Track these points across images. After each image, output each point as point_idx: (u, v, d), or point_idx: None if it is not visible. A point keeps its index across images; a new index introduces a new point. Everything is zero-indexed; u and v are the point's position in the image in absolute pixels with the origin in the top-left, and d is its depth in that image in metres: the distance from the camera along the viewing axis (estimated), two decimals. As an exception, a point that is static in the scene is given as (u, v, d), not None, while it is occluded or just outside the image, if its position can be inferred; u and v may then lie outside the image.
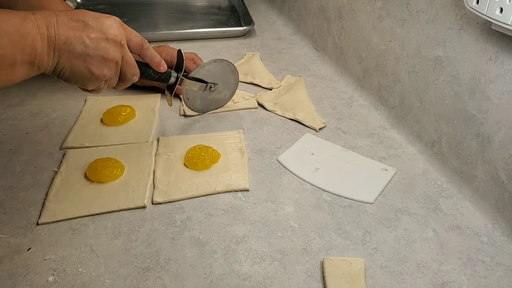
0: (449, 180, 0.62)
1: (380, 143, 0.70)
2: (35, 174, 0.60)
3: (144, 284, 0.46)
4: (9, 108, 0.75)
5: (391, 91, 0.74)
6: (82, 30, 0.48)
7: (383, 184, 0.61)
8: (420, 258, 0.50)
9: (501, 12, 0.47)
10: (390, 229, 0.54)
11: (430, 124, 0.66)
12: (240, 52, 1.00)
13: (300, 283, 0.47)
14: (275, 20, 1.21)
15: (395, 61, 0.72)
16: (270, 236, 0.52)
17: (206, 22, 1.21)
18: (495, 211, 0.55)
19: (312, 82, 0.87)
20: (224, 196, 0.58)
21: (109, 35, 0.50)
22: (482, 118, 0.56)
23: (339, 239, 0.52)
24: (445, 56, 0.61)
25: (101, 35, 0.49)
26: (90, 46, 0.48)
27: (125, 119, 0.71)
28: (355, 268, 0.48)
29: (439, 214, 0.57)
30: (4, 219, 0.53)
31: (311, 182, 0.61)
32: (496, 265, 0.50)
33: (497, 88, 0.53)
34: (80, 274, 0.47)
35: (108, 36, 0.49)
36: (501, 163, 0.54)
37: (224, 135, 0.69)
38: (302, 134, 0.71)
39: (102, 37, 0.49)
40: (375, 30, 0.77)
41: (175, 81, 0.63)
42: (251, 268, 0.48)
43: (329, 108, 0.79)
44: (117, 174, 0.59)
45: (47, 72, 0.48)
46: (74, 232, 0.52)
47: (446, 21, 0.60)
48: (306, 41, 1.05)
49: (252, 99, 0.80)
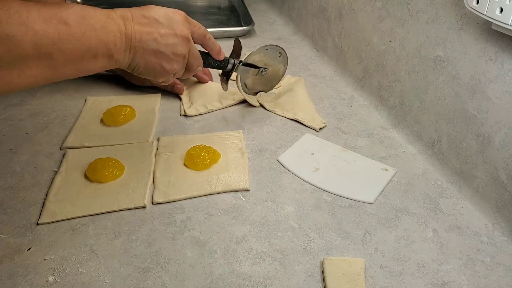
0: (449, 180, 0.62)
1: (380, 143, 0.70)
2: (35, 174, 0.60)
3: (144, 284, 0.46)
4: (9, 108, 0.75)
5: (391, 91, 0.74)
6: (154, 27, 0.52)
7: (383, 184, 0.61)
8: (420, 258, 0.50)
9: (501, 12, 0.47)
10: (390, 229, 0.54)
11: (430, 124, 0.66)
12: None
13: (300, 283, 0.47)
14: (275, 20, 1.21)
15: (395, 61, 0.72)
16: (270, 236, 0.52)
17: (206, 22, 1.20)
18: (495, 211, 0.55)
19: (312, 82, 0.87)
20: (224, 196, 0.58)
21: (177, 30, 0.53)
22: (482, 118, 0.56)
23: (339, 239, 0.52)
24: (445, 56, 0.61)
25: (170, 30, 0.53)
26: (162, 42, 0.52)
27: (125, 119, 0.71)
28: (355, 268, 0.47)
29: (439, 214, 0.57)
30: (4, 219, 0.53)
31: (311, 182, 0.61)
32: (496, 265, 0.50)
33: (497, 88, 0.53)
34: (80, 274, 0.47)
35: (176, 31, 0.53)
36: (501, 163, 0.54)
37: (224, 135, 0.69)
38: (302, 134, 0.71)
39: (171, 33, 0.53)
40: (375, 30, 0.77)
41: (231, 68, 0.69)
42: (251, 268, 0.48)
43: (329, 108, 0.79)
44: (117, 174, 0.59)
45: (123, 67, 0.52)
46: (74, 232, 0.52)
47: (446, 21, 0.60)
48: (306, 41, 1.05)
49: (253, 97, 0.80)
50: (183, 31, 0.54)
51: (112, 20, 0.48)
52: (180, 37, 0.54)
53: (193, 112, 0.75)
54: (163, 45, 0.52)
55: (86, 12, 0.46)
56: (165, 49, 0.53)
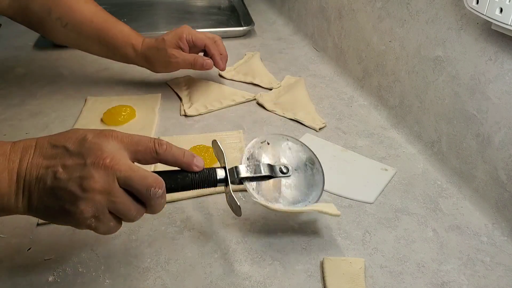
0: (449, 180, 0.62)
1: (380, 143, 0.70)
2: (35, 174, 0.60)
3: (144, 284, 0.46)
4: (9, 108, 0.75)
5: (391, 91, 0.74)
6: (58, 158, 0.38)
7: (383, 184, 0.61)
8: (420, 258, 0.50)
9: (501, 12, 0.47)
10: (390, 229, 0.54)
11: (430, 124, 0.66)
12: (240, 52, 1.00)
13: (300, 283, 0.47)
14: (275, 20, 1.21)
15: (395, 61, 0.72)
16: (270, 236, 0.52)
17: (206, 22, 1.21)
18: (495, 211, 0.55)
19: (312, 82, 0.87)
20: (224, 196, 0.58)
21: (90, 157, 0.38)
22: (482, 118, 0.56)
23: (339, 239, 0.52)
24: (445, 56, 0.61)
25: (79, 160, 0.38)
26: (62, 177, 0.37)
27: (125, 119, 0.71)
28: (355, 268, 0.48)
29: (439, 214, 0.57)
30: (4, 219, 0.53)
31: (311, 182, 0.61)
32: (496, 265, 0.50)
33: (497, 88, 0.53)
34: (80, 274, 0.47)
35: (88, 159, 0.38)
36: (501, 163, 0.54)
37: (224, 135, 0.69)
38: (302, 134, 0.71)
39: (80, 163, 0.38)
40: (375, 30, 0.77)
41: (225, 175, 0.47)
42: (251, 268, 0.48)
43: (329, 108, 0.79)
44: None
45: (20, 213, 0.40)
46: (74, 232, 0.52)
47: (446, 21, 0.60)
48: (306, 41, 1.05)
49: (252, 97, 0.80)
50: (99, 157, 0.38)
51: (1, 157, 0.38)
52: (94, 166, 0.37)
53: (193, 112, 0.75)
54: (63, 181, 0.37)
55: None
56: (67, 185, 0.37)
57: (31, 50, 0.97)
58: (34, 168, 0.38)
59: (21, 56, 0.94)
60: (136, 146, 0.42)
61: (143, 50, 0.75)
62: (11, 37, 1.02)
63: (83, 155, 0.38)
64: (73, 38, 0.74)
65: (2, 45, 0.99)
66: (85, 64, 0.91)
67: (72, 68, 0.89)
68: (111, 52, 0.76)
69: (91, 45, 0.75)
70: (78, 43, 0.76)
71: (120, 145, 0.40)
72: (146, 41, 0.75)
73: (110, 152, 0.39)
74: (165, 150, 0.43)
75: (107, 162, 0.38)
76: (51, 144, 0.39)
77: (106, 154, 0.38)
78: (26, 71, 0.88)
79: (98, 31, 0.73)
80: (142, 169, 0.40)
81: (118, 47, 0.74)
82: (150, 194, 0.40)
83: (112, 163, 0.38)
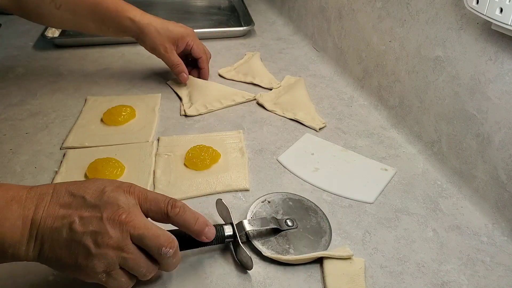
0: (449, 180, 0.62)
1: (380, 143, 0.70)
2: (35, 174, 0.60)
3: (144, 284, 0.46)
4: (9, 108, 0.75)
5: (391, 91, 0.74)
6: (74, 208, 0.38)
7: (383, 184, 0.61)
8: (420, 258, 0.50)
9: (501, 12, 0.47)
10: (390, 229, 0.54)
11: (430, 124, 0.66)
12: (240, 52, 1.00)
13: (300, 283, 0.47)
14: (275, 20, 1.21)
15: (395, 61, 0.72)
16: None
17: (206, 22, 1.21)
18: (495, 211, 0.55)
19: (312, 82, 0.87)
20: (224, 196, 0.58)
21: (107, 211, 0.38)
22: (482, 118, 0.56)
23: (339, 239, 0.52)
24: (445, 56, 0.61)
25: (96, 212, 0.38)
26: (78, 230, 0.37)
27: (125, 119, 0.71)
28: (355, 268, 0.48)
29: (439, 214, 0.57)
30: (4, 219, 0.53)
31: (311, 182, 0.61)
32: (496, 265, 0.50)
33: (497, 88, 0.53)
34: (80, 274, 0.47)
35: (104, 213, 0.38)
36: (501, 163, 0.54)
37: (224, 135, 0.69)
38: (302, 134, 0.71)
39: (96, 216, 0.38)
40: (375, 30, 0.77)
41: (232, 231, 0.48)
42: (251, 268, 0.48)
43: (329, 108, 0.79)
44: (117, 174, 0.59)
45: (29, 260, 0.38)
46: (74, 232, 0.52)
47: (446, 21, 0.60)
48: (306, 41, 1.05)
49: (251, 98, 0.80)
50: (116, 212, 0.38)
51: (16, 203, 0.37)
52: (109, 220, 0.38)
53: (193, 112, 0.75)
54: (79, 234, 0.37)
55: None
56: (82, 238, 0.37)
57: (31, 50, 0.97)
58: (49, 217, 0.37)
59: (21, 56, 0.94)
60: (149, 205, 0.41)
61: (142, 23, 0.76)
62: (11, 37, 1.02)
63: (100, 208, 0.38)
64: (68, 18, 0.75)
65: (2, 45, 0.99)
66: (85, 64, 0.91)
67: (72, 68, 0.89)
68: (106, 26, 0.76)
69: (86, 22, 0.75)
70: (74, 23, 0.76)
71: (136, 200, 0.41)
72: (145, 16, 0.76)
73: (126, 207, 0.39)
74: (176, 214, 0.42)
75: (123, 218, 0.38)
76: (69, 193, 0.39)
77: (122, 210, 0.38)
78: (26, 71, 0.88)
79: (91, 5, 0.74)
80: (156, 226, 0.40)
81: (113, 18, 0.75)
82: (161, 253, 0.40)
83: (127, 219, 0.38)
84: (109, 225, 0.37)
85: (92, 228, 0.37)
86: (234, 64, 0.93)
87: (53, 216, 0.37)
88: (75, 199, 0.38)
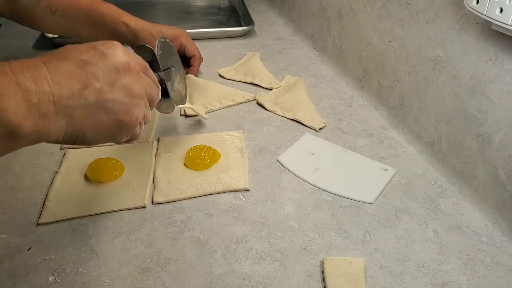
0: (449, 180, 0.62)
1: (380, 143, 0.70)
2: (35, 174, 0.60)
3: (144, 284, 0.46)
4: (9, 108, 0.75)
5: (391, 91, 0.74)
6: (87, 71, 0.36)
7: (383, 184, 0.61)
8: (420, 258, 0.50)
9: (501, 12, 0.47)
10: (390, 229, 0.54)
11: (430, 124, 0.66)
12: (240, 52, 1.00)
13: (300, 283, 0.47)
14: (275, 20, 1.21)
15: (395, 61, 0.72)
16: (270, 236, 0.52)
17: (206, 22, 1.21)
18: (495, 211, 0.55)
19: (312, 82, 0.87)
20: (224, 196, 0.58)
21: (118, 60, 0.38)
22: (482, 118, 0.56)
23: (339, 239, 0.52)
24: (445, 56, 0.61)
25: (110, 66, 0.38)
26: (104, 88, 0.37)
27: (125, 119, 0.71)
28: (355, 268, 0.48)
29: (439, 214, 0.57)
30: (4, 219, 0.53)
31: (311, 182, 0.61)
32: (496, 265, 0.50)
33: (497, 88, 0.53)
34: (80, 274, 0.47)
35: (119, 63, 0.38)
36: (501, 163, 0.54)
37: (224, 135, 0.69)
38: (302, 134, 0.71)
39: (112, 71, 0.38)
40: (375, 30, 0.77)
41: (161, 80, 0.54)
42: (251, 268, 0.48)
43: (329, 108, 0.79)
44: (117, 174, 0.59)
45: (51, 141, 0.37)
46: (74, 232, 0.52)
47: (446, 21, 0.60)
48: (306, 41, 1.05)
49: (251, 98, 0.80)
50: (124, 59, 0.39)
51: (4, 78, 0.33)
52: (126, 68, 0.38)
53: (193, 112, 0.75)
54: (109, 92, 0.37)
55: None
56: (115, 95, 0.37)
57: (31, 50, 0.97)
58: (65, 87, 0.35)
59: (21, 56, 0.94)
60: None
61: (137, 28, 0.76)
62: (11, 37, 1.02)
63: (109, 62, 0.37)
64: (63, 24, 0.75)
65: (2, 45, 0.99)
66: (85, 64, 0.91)
67: (72, 68, 0.89)
68: (101, 31, 0.76)
69: (81, 28, 0.76)
70: (68, 29, 0.77)
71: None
72: (139, 21, 0.77)
73: (124, 51, 0.40)
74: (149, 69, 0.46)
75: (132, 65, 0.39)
76: (61, 59, 0.36)
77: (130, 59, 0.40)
78: (26, 71, 0.88)
79: (86, 11, 0.74)
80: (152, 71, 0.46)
81: (108, 24, 0.75)
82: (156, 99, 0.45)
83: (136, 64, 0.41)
84: (128, 75, 0.38)
85: (117, 84, 0.37)
86: (234, 64, 0.93)
87: (68, 86, 0.35)
88: (73, 62, 0.36)
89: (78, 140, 0.38)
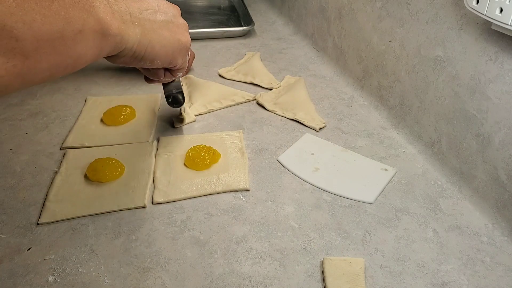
0: (449, 180, 0.62)
1: (380, 143, 0.70)
2: (35, 174, 0.60)
3: (144, 284, 0.46)
4: (8, 108, 0.75)
5: (391, 91, 0.74)
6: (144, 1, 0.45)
7: (383, 184, 0.61)
8: (420, 258, 0.50)
9: (501, 12, 0.47)
10: (390, 229, 0.54)
11: (430, 124, 0.66)
12: (240, 52, 1.00)
13: (300, 283, 0.47)
14: (275, 20, 1.21)
15: (395, 61, 0.72)
16: (270, 236, 0.52)
17: (206, 22, 1.21)
18: (495, 211, 0.55)
19: (312, 82, 0.87)
20: (224, 196, 0.58)
21: (177, 11, 0.50)
22: (482, 118, 0.56)
23: (339, 239, 0.52)
24: (445, 56, 0.61)
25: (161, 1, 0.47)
26: (166, 12, 0.47)
27: (125, 119, 0.71)
28: (355, 268, 0.48)
29: (439, 214, 0.57)
30: (4, 219, 0.53)
31: (311, 182, 0.61)
32: (496, 265, 0.50)
33: (497, 88, 0.53)
34: (80, 274, 0.47)
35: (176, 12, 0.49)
36: (501, 163, 0.54)
37: (224, 135, 0.69)
38: (302, 134, 0.71)
39: (164, 4, 0.47)
40: (375, 30, 0.77)
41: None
42: (251, 268, 0.48)
43: (329, 108, 0.79)
44: (117, 174, 0.59)
45: (128, 48, 0.41)
46: (74, 232, 0.52)
47: (446, 21, 0.60)
48: (306, 41, 1.05)
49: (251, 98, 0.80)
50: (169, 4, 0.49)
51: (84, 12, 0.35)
52: (171, 7, 0.49)
53: (193, 112, 0.75)
54: (170, 15, 0.47)
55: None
56: (173, 19, 0.48)
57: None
58: (131, 7, 0.42)
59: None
60: None
61: None
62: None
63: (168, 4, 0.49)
64: None
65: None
66: (85, 64, 0.91)
67: (72, 68, 0.89)
68: None
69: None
70: None
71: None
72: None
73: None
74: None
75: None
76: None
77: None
78: (26, 71, 0.88)
79: None
80: None
81: None
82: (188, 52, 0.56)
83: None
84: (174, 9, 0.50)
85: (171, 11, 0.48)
86: (234, 64, 0.93)
87: (136, 6, 0.42)
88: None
89: (147, 53, 0.44)
